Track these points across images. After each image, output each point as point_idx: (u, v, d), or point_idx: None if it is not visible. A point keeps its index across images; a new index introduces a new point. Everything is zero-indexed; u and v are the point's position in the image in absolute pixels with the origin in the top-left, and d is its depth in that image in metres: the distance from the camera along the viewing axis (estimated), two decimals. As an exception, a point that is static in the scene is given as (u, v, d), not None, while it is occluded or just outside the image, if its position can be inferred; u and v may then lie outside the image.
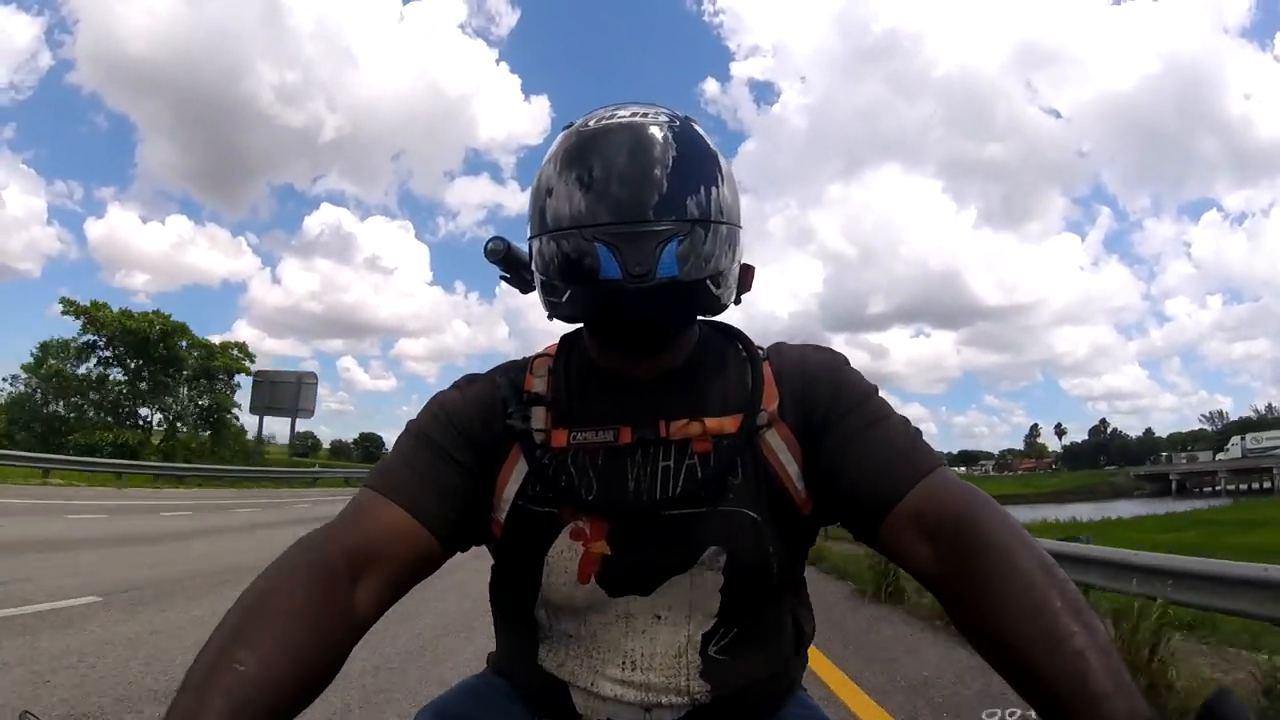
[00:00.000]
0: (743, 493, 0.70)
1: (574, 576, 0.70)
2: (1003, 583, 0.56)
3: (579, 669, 0.72)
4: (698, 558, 0.69)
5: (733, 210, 0.68)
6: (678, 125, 0.68)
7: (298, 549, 0.63)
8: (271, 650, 0.53)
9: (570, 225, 0.65)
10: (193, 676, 0.51)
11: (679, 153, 0.66)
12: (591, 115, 0.71)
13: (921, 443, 0.70)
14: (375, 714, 2.91)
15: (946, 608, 0.62)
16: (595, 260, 0.63)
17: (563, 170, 0.67)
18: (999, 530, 0.59)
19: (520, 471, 0.72)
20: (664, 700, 0.70)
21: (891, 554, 0.67)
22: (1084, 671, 0.49)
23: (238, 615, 0.56)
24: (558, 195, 0.67)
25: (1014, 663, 0.54)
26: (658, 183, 0.64)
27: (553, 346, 0.80)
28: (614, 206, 0.63)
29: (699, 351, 0.75)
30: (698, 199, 0.65)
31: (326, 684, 0.59)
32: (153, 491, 17.20)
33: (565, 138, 0.70)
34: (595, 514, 0.70)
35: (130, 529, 9.05)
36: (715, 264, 0.66)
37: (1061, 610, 0.53)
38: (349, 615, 0.61)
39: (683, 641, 0.70)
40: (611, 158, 0.65)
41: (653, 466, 0.70)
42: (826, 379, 0.73)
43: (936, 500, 0.64)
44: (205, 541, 8.45)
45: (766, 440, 0.71)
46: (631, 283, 0.62)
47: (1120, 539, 10.62)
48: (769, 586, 0.71)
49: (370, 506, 0.68)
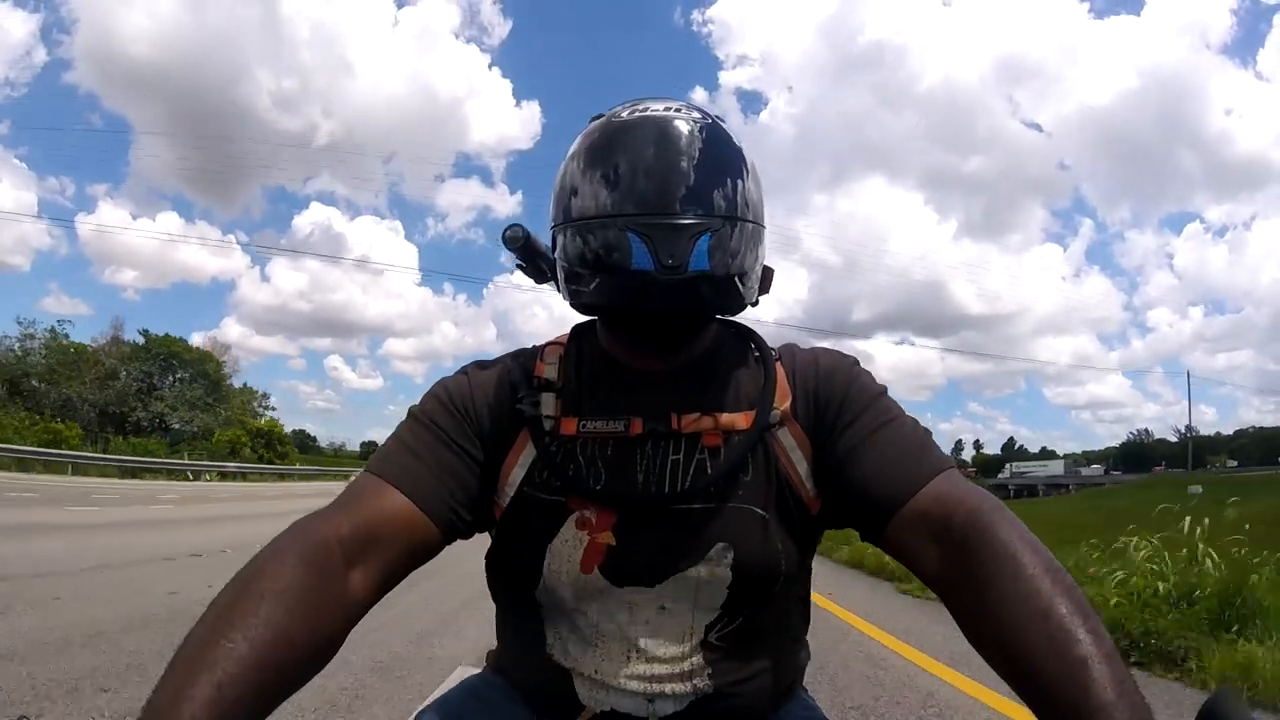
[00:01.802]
0: (752, 490, 0.70)
1: (576, 566, 0.69)
2: (1008, 587, 0.56)
3: (582, 658, 0.71)
4: (705, 553, 0.69)
5: (759, 210, 0.69)
6: (709, 122, 0.69)
7: (293, 531, 0.61)
8: (262, 631, 0.52)
9: (602, 214, 0.65)
10: (181, 655, 0.51)
11: (711, 149, 0.66)
12: (622, 107, 0.71)
13: (931, 444, 0.70)
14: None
15: (951, 610, 0.62)
16: (627, 250, 0.63)
17: (594, 161, 0.67)
18: (1006, 534, 0.59)
19: (527, 457, 0.71)
20: (668, 689, 0.70)
21: (898, 555, 0.67)
22: (1087, 679, 0.49)
23: (229, 595, 0.55)
24: (588, 185, 0.67)
25: (1017, 668, 0.54)
26: (689, 177, 0.64)
27: (564, 336, 0.79)
28: (648, 198, 0.64)
29: (713, 348, 0.75)
30: (728, 195, 0.66)
31: (320, 667, 0.58)
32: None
33: (595, 128, 0.70)
34: (602, 504, 0.69)
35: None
36: (742, 261, 0.67)
37: (1066, 617, 0.53)
38: (343, 599, 0.61)
39: (686, 631, 0.70)
40: (643, 150, 0.65)
41: (662, 459, 0.70)
42: (839, 380, 0.73)
43: (945, 502, 0.64)
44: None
45: (778, 438, 0.71)
46: (664, 273, 0.62)
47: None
48: (776, 585, 0.71)
49: (369, 490, 0.67)
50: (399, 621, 4.16)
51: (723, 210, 0.65)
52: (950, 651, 3.70)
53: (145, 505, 12.07)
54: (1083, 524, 9.26)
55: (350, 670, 3.11)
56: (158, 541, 7.36)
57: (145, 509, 11.52)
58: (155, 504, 12.59)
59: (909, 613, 5.20)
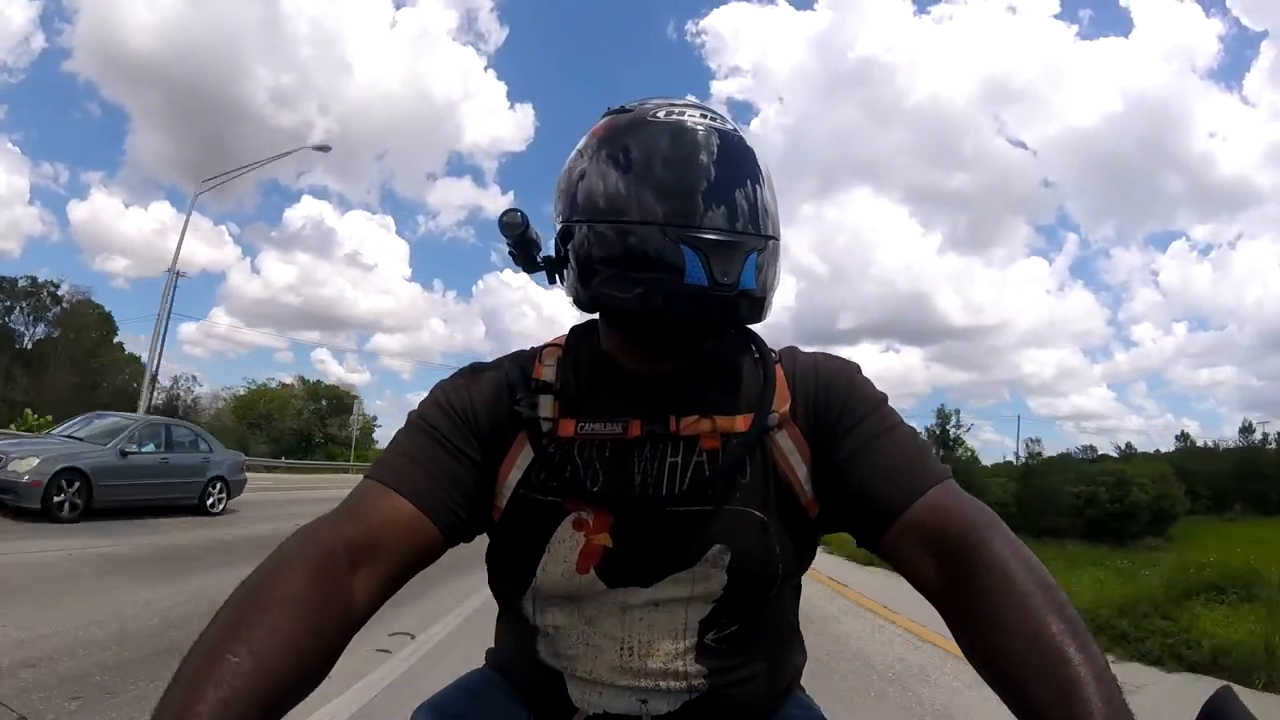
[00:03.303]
0: (750, 492, 0.70)
1: (572, 567, 0.69)
2: (1000, 603, 0.55)
3: (575, 658, 0.71)
4: (702, 555, 0.68)
5: (778, 223, 0.69)
6: (740, 136, 0.69)
7: (296, 539, 0.61)
8: (266, 641, 0.52)
9: (649, 220, 0.64)
10: (186, 668, 0.50)
11: (751, 165, 0.67)
12: (651, 104, 0.70)
13: (930, 454, 0.70)
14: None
15: (946, 621, 0.61)
16: (680, 261, 0.62)
17: (631, 156, 0.66)
18: (1001, 549, 0.59)
19: (525, 459, 0.71)
20: (661, 686, 0.69)
21: (895, 563, 0.66)
22: (1076, 700, 0.49)
23: (234, 606, 0.55)
24: (625, 182, 0.66)
25: (1008, 685, 0.53)
26: (741, 195, 0.65)
27: (562, 337, 0.79)
28: (704, 211, 0.63)
29: (714, 350, 0.74)
30: (767, 213, 0.67)
31: (323, 676, 0.58)
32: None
33: (629, 122, 0.69)
34: (600, 506, 0.69)
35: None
36: (774, 279, 0.69)
37: (1058, 635, 0.52)
38: (347, 606, 0.60)
39: (681, 632, 0.70)
40: (693, 157, 0.65)
41: (660, 462, 0.70)
42: (840, 384, 0.73)
43: (941, 513, 0.64)
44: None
45: (777, 442, 0.71)
46: (717, 290, 0.63)
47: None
48: (773, 587, 0.71)
49: (371, 496, 0.67)
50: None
51: (765, 229, 0.66)
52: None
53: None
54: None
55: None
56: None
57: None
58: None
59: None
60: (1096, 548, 15.34)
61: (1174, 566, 5.83)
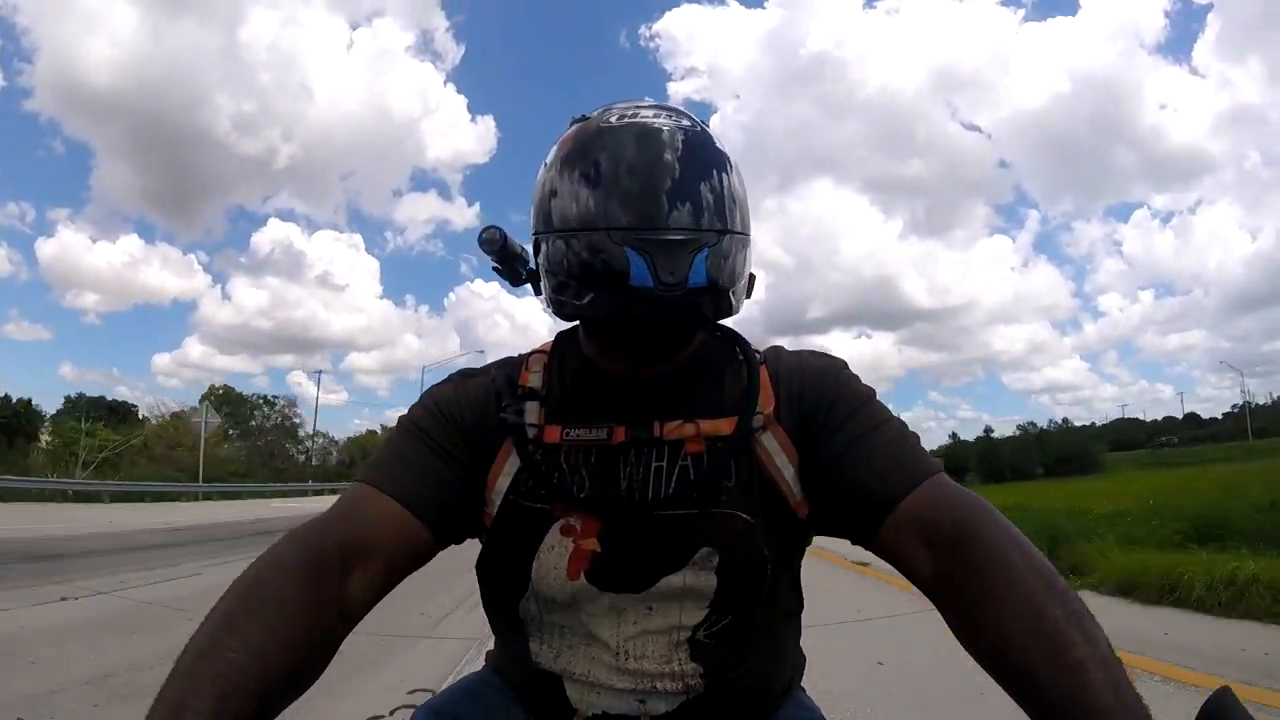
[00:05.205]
0: (736, 495, 0.70)
1: (563, 572, 0.69)
2: (1001, 591, 0.55)
3: (572, 661, 0.71)
4: (690, 558, 0.69)
5: (746, 215, 0.68)
6: (698, 130, 0.67)
7: (289, 540, 0.62)
8: (261, 639, 0.53)
9: (593, 226, 0.63)
10: (182, 664, 0.51)
11: (701, 157, 0.65)
12: (609, 110, 0.69)
13: (920, 448, 0.69)
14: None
15: (944, 614, 0.61)
16: (624, 265, 0.62)
17: (581, 167, 0.65)
18: (998, 538, 0.58)
19: (512, 466, 0.71)
20: (658, 687, 0.69)
21: (890, 558, 0.66)
22: (1082, 683, 0.48)
23: (228, 604, 0.56)
24: (575, 193, 0.65)
25: (1012, 674, 0.53)
26: (689, 191, 0.63)
27: (548, 344, 0.79)
28: (644, 211, 0.62)
29: (697, 354, 0.74)
30: (721, 207, 0.65)
31: (317, 675, 0.59)
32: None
33: (581, 132, 0.68)
34: (586, 511, 0.69)
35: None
36: (735, 272, 0.66)
37: (1060, 620, 0.52)
38: (340, 606, 0.61)
39: (674, 632, 0.70)
40: (637, 160, 0.64)
41: (645, 466, 0.70)
42: (826, 382, 0.72)
43: (935, 506, 0.63)
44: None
45: (762, 443, 0.71)
46: (663, 290, 0.61)
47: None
48: (763, 588, 0.71)
49: (363, 499, 0.68)
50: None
51: (717, 224, 0.64)
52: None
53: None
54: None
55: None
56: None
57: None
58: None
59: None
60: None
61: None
